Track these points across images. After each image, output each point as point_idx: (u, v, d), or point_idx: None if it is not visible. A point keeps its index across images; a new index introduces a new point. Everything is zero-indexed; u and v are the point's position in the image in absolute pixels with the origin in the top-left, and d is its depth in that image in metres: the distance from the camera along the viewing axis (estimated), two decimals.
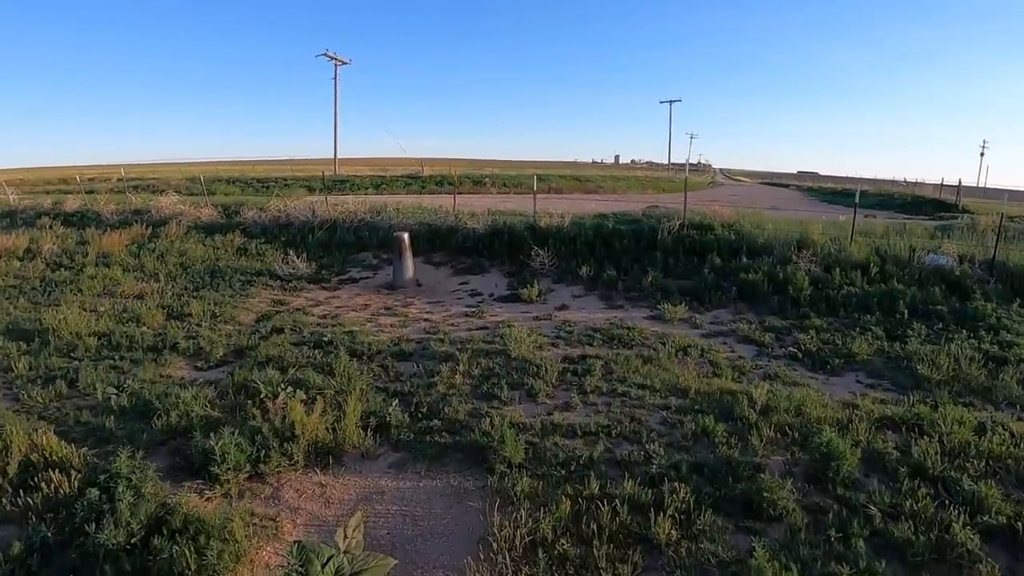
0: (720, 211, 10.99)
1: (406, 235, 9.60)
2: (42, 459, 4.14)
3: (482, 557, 3.17)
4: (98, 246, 12.96)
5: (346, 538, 2.29)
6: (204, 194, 18.47)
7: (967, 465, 4.13)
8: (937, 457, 4.23)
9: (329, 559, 2.18)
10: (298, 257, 10.46)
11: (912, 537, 3.31)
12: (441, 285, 9.75)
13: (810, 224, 10.79)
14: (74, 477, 3.95)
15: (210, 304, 8.43)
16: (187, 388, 5.41)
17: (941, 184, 33.65)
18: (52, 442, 4.28)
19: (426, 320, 7.66)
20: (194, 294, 9.23)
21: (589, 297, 8.62)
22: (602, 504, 3.45)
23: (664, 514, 3.37)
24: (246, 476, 3.99)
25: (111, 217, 16.86)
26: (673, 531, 3.30)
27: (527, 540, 3.25)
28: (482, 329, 7.18)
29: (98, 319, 7.90)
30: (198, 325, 7.55)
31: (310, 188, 32.93)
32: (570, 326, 7.27)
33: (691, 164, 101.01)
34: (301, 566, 2.13)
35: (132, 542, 3.18)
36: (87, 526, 3.22)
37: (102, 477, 3.81)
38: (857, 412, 5.10)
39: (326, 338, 6.68)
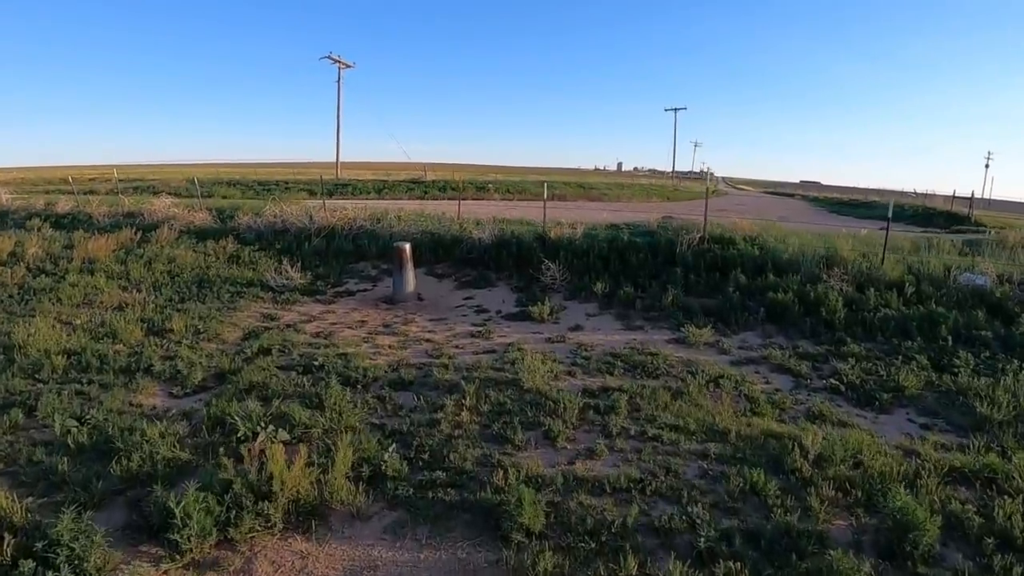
0: (741, 224, 10.35)
1: (407, 246, 8.96)
2: None
3: None
4: (84, 251, 12.30)
5: None
6: (199, 196, 17.86)
7: None
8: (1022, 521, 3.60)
9: None
10: (292, 267, 9.82)
11: None
12: (444, 300, 9.10)
13: (837, 239, 10.15)
14: (8, 542, 3.29)
15: (194, 318, 7.78)
16: (156, 422, 4.76)
17: (953, 196, 33.06)
18: None
19: (428, 341, 7.00)
20: (179, 306, 8.58)
21: (605, 316, 7.96)
22: None
23: None
24: (213, 543, 3.33)
25: (102, 220, 16.27)
26: None
27: None
28: (490, 353, 6.52)
29: (71, 334, 7.26)
30: (178, 343, 6.89)
31: (311, 192, 32.34)
32: (587, 350, 6.61)
33: (695, 173, 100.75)
34: None
35: None
36: None
37: (40, 545, 3.18)
38: (920, 462, 4.45)
39: (317, 362, 6.02)
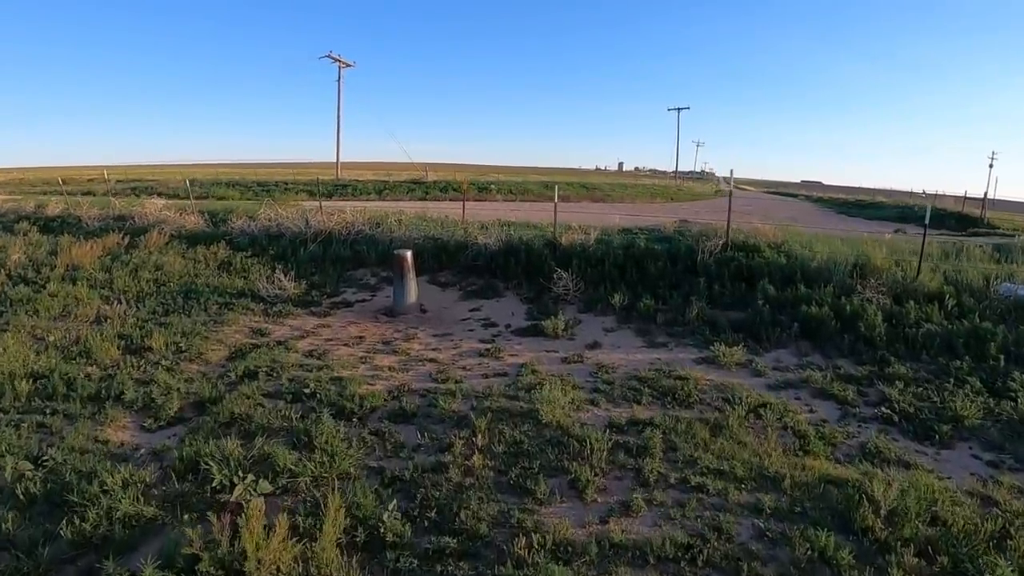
0: (763, 229, 9.71)
1: (409, 253, 8.32)
2: None
3: None
4: (68, 257, 11.68)
5: None
6: (191, 198, 17.22)
7: None
8: None
9: None
10: (286, 275, 9.19)
11: None
12: (449, 311, 8.47)
13: (868, 246, 9.50)
14: None
15: (176, 334, 7.15)
16: (121, 465, 4.14)
17: (964, 197, 32.38)
18: None
19: (432, 361, 6.36)
20: (162, 319, 7.95)
21: (624, 331, 7.32)
22: None
23: None
24: None
25: (92, 223, 15.67)
26: None
27: None
28: (501, 376, 5.89)
29: (42, 352, 6.64)
30: (157, 364, 6.26)
31: (311, 193, 31.70)
32: (608, 373, 5.97)
33: (695, 173, 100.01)
34: None
35: None
36: None
37: None
38: (1002, 513, 3.82)
39: (308, 388, 5.38)
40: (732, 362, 6.28)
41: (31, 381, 5.77)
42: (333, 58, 38.22)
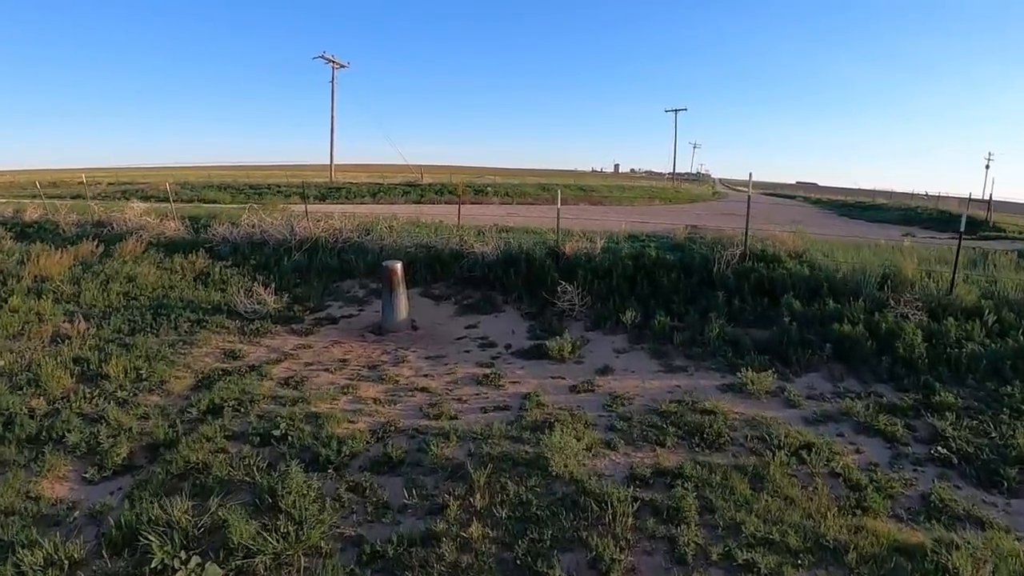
0: (782, 237, 9.02)
1: (399, 265, 7.59)
2: None
3: None
4: (36, 268, 10.90)
5: None
6: (172, 202, 16.42)
7: None
8: None
9: None
10: (266, 288, 8.44)
11: None
12: (443, 328, 7.74)
13: (897, 254, 8.84)
14: None
15: (139, 358, 6.40)
16: (49, 533, 3.41)
17: (969, 199, 31.84)
18: None
19: (423, 390, 5.63)
20: (127, 339, 7.19)
21: (637, 353, 6.60)
22: None
23: None
24: None
25: (69, 229, 14.90)
26: None
27: None
28: (502, 410, 5.16)
29: None
30: (111, 395, 5.52)
31: (304, 196, 31.02)
32: (623, 405, 5.25)
33: (692, 174, 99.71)
34: None
35: None
36: None
37: None
38: None
39: (279, 429, 4.64)
40: (762, 390, 5.58)
41: None
42: (326, 59, 37.50)
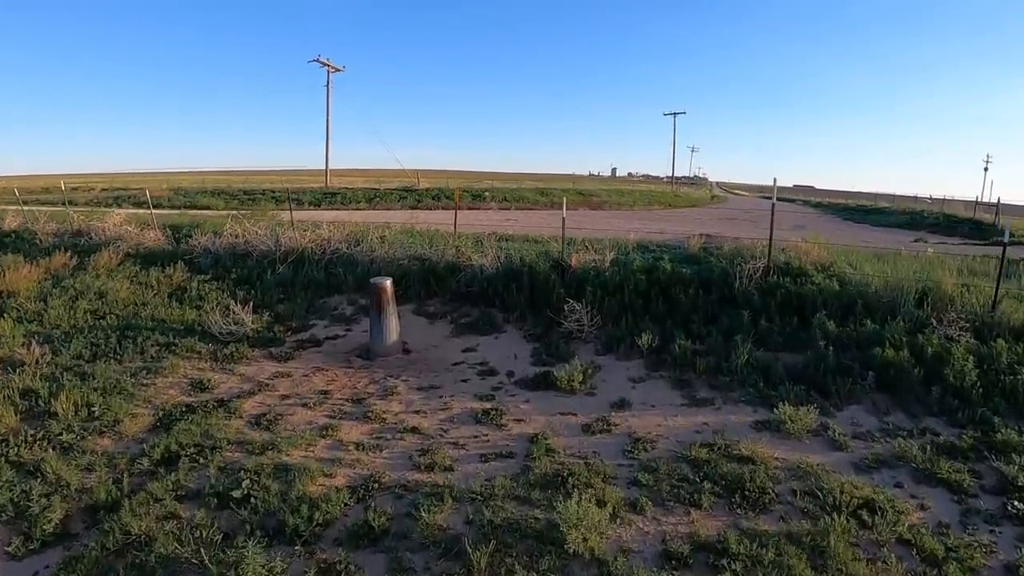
0: (806, 247, 8.32)
1: (388, 283, 6.86)
2: None
3: None
4: (3, 283, 10.14)
5: None
6: (151, 208, 15.65)
7: None
8: None
9: None
10: (244, 307, 7.69)
11: None
12: (438, 352, 7.01)
13: (935, 266, 8.14)
14: None
15: (96, 390, 5.65)
16: None
17: (976, 202, 31.27)
18: None
19: (413, 431, 4.89)
20: (87, 366, 6.45)
21: (655, 383, 5.87)
22: None
23: None
24: None
25: (47, 239, 14.14)
26: None
27: None
28: (505, 458, 4.43)
29: None
30: (55, 439, 4.76)
31: (299, 201, 30.29)
32: (646, 450, 4.53)
33: (689, 178, 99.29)
34: None
35: None
36: None
37: None
38: None
39: (240, 488, 3.89)
40: (802, 429, 4.86)
41: None
42: (321, 62, 36.86)
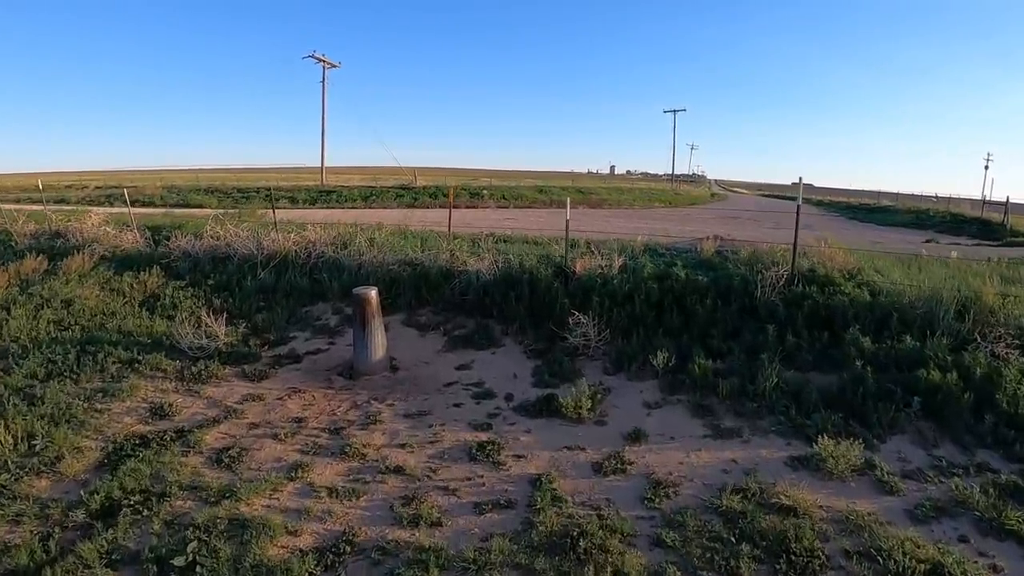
0: (829, 252, 7.67)
1: (373, 293, 6.19)
2: None
3: None
4: None
5: None
6: (129, 205, 14.93)
7: None
8: None
9: None
10: (218, 318, 7.02)
11: None
12: (429, 369, 6.35)
13: (965, 272, 7.50)
14: None
15: (43, 418, 4.98)
16: None
17: (984, 201, 30.60)
18: None
19: (397, 471, 4.22)
20: (41, 386, 5.77)
21: (672, 408, 5.22)
22: None
23: None
24: None
25: (21, 241, 13.43)
26: None
27: None
28: (504, 508, 3.77)
29: None
30: None
31: (293, 199, 29.56)
32: (669, 496, 3.87)
33: (687, 175, 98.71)
34: None
35: None
36: None
37: None
38: None
39: (185, 553, 3.22)
40: (847, 468, 4.21)
41: None
42: (317, 58, 36.08)
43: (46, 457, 4.46)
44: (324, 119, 36.35)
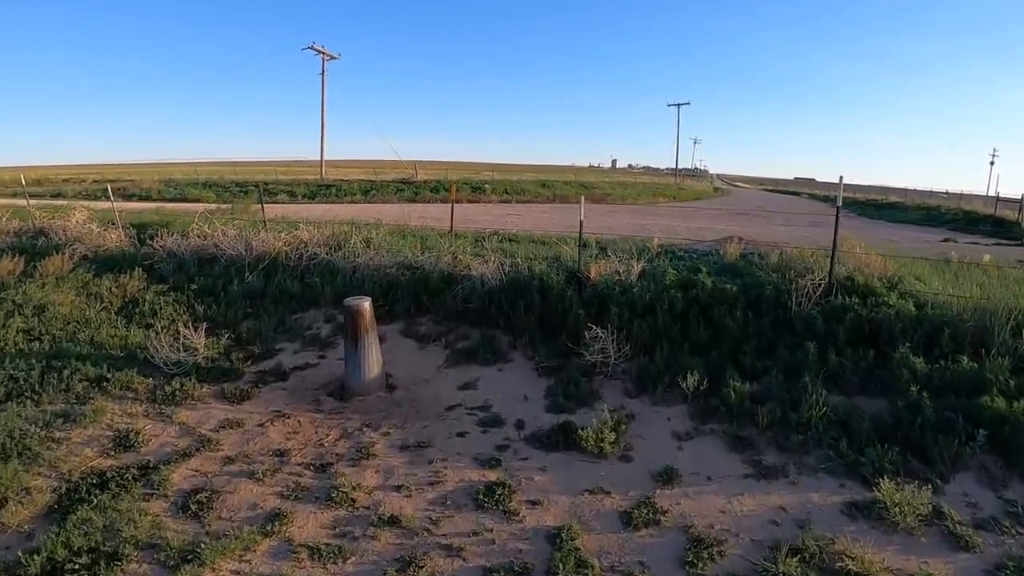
0: (866, 257, 7.04)
1: (367, 304, 5.57)
2: None
3: None
4: None
5: None
6: (114, 205, 14.28)
7: None
8: None
9: None
10: (197, 329, 6.41)
11: None
12: (429, 388, 5.74)
13: (1005, 279, 6.87)
14: None
15: None
16: None
17: (997, 198, 29.81)
18: None
19: (391, 523, 3.62)
20: (0, 407, 5.20)
21: (706, 440, 4.61)
22: None
23: None
24: None
25: (4, 240, 12.80)
26: None
27: None
28: (519, 574, 3.18)
29: None
30: None
31: (292, 193, 28.90)
32: (714, 558, 3.26)
33: (689, 170, 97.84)
34: None
35: None
36: None
37: None
38: None
39: None
40: (914, 517, 3.62)
41: None
42: (316, 50, 35.29)
43: None
44: (323, 112, 35.62)
